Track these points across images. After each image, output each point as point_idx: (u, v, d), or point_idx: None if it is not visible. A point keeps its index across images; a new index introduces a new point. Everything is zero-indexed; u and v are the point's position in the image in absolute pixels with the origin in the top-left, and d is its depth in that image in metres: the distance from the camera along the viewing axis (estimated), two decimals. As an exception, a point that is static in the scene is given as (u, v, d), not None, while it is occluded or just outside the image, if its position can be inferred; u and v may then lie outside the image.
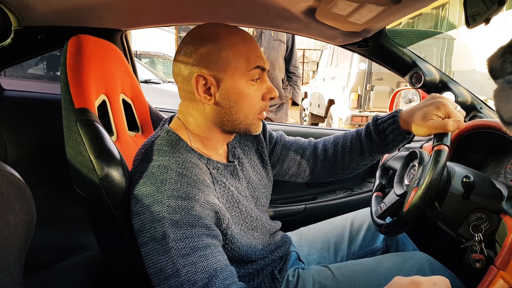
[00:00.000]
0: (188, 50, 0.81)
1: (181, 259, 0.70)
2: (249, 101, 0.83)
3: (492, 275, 0.84)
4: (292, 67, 2.72)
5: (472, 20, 0.75)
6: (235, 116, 0.84)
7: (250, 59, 0.81)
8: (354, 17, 0.98)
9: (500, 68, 0.69)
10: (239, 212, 0.89)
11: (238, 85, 0.81)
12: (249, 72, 0.81)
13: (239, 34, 0.83)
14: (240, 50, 0.80)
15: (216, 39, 0.80)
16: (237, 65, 0.80)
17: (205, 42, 0.80)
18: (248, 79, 0.82)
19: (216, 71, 0.80)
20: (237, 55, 0.80)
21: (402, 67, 1.29)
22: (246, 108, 0.84)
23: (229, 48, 0.80)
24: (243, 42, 0.82)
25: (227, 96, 0.82)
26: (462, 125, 0.88)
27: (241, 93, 0.82)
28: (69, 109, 0.87)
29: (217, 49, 0.80)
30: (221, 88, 0.81)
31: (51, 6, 1.09)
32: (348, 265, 1.01)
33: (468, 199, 0.92)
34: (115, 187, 0.79)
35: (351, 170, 1.09)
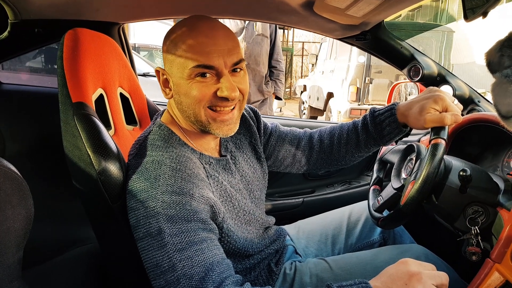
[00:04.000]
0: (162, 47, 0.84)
1: (177, 254, 0.70)
2: (193, 98, 0.79)
3: (488, 268, 0.85)
4: (274, 61, 2.68)
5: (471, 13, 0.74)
6: (187, 113, 0.82)
7: (195, 57, 0.77)
8: (352, 10, 0.97)
9: (498, 62, 0.69)
10: (232, 206, 0.89)
11: (182, 82, 0.80)
12: (190, 69, 0.77)
13: (194, 29, 0.79)
14: (186, 45, 0.77)
15: (171, 33, 0.81)
16: (180, 61, 0.78)
17: (165, 39, 0.83)
18: (189, 78, 0.78)
19: (168, 66, 0.82)
20: (182, 50, 0.78)
21: (400, 60, 1.29)
22: (192, 104, 0.80)
23: (177, 42, 0.79)
24: (190, 35, 0.78)
25: (176, 91, 0.82)
26: (459, 119, 0.87)
27: (184, 89, 0.80)
28: (66, 103, 0.87)
29: (168, 43, 0.81)
30: (171, 83, 0.83)
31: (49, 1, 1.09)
32: (345, 257, 1.01)
33: (465, 192, 0.92)
34: (112, 181, 0.79)
35: (346, 161, 1.09)
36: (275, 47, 2.68)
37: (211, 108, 0.81)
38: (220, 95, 0.79)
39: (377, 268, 0.94)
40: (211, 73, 0.79)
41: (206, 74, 0.78)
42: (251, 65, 2.49)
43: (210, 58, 0.77)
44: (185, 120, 0.86)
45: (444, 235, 1.16)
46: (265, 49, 2.57)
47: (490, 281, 0.84)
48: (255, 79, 2.54)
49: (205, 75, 0.78)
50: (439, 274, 0.69)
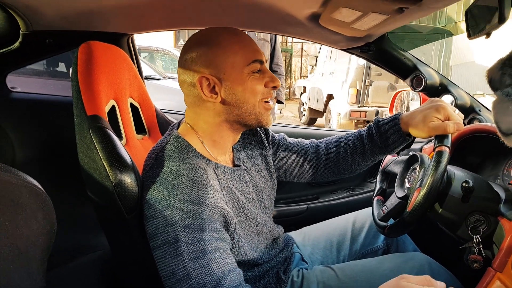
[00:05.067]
0: (188, 56, 0.85)
1: (192, 262, 0.73)
2: (252, 92, 0.86)
3: (489, 276, 0.88)
4: (275, 65, 2.73)
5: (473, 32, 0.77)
6: (244, 109, 0.87)
7: (246, 54, 0.84)
8: (358, 24, 1.00)
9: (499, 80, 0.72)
10: (245, 217, 0.92)
11: (241, 80, 0.85)
12: (248, 66, 0.84)
13: (231, 32, 0.86)
14: (234, 47, 0.84)
15: (210, 40, 0.84)
16: (234, 61, 0.84)
17: (201, 46, 0.84)
18: (248, 72, 0.85)
19: (215, 70, 0.83)
20: (233, 52, 0.83)
21: (403, 70, 1.32)
22: (252, 99, 0.87)
23: (224, 47, 0.83)
24: (237, 39, 0.85)
25: (231, 91, 0.85)
26: (461, 127, 0.91)
27: (243, 86, 0.85)
28: (81, 116, 0.89)
29: (212, 50, 0.83)
30: (224, 85, 0.84)
31: (60, 11, 1.11)
32: (351, 265, 1.04)
33: (467, 201, 0.95)
34: (128, 193, 0.82)
35: (352, 170, 1.12)
36: (275, 52, 2.71)
37: (263, 99, 0.89)
38: (273, 85, 0.89)
39: (382, 276, 0.97)
40: (261, 68, 0.87)
41: (259, 69, 0.86)
42: None
43: (259, 53, 0.87)
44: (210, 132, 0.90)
45: (446, 243, 1.18)
46: (266, 54, 2.61)
47: (492, 289, 0.87)
48: None
49: (259, 70, 0.86)
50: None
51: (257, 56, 0.86)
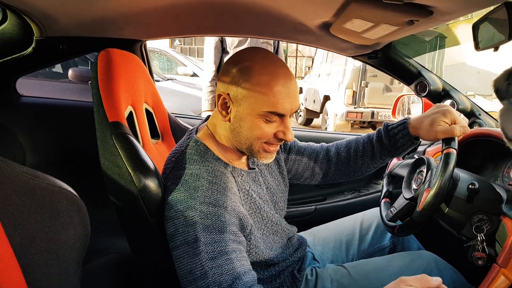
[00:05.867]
0: (226, 68, 0.87)
1: (209, 262, 0.77)
2: (256, 134, 0.85)
3: (494, 272, 0.93)
4: None
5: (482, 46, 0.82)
6: (242, 140, 0.88)
7: (269, 102, 0.82)
8: (368, 33, 1.04)
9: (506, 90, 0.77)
10: (261, 217, 0.96)
11: (250, 117, 0.84)
12: (264, 112, 0.83)
13: (273, 71, 0.83)
14: (264, 88, 0.82)
15: (247, 67, 0.83)
16: (255, 101, 0.82)
17: (237, 66, 0.84)
18: (260, 117, 0.84)
19: (235, 95, 0.84)
20: (259, 92, 0.82)
21: (409, 76, 1.37)
22: (252, 138, 0.86)
23: (255, 82, 0.82)
24: (273, 82, 0.82)
25: (237, 120, 0.86)
26: (467, 130, 0.96)
27: (248, 124, 0.85)
28: (103, 123, 0.92)
29: (243, 77, 0.82)
30: (236, 112, 0.85)
31: (75, 18, 1.13)
32: (362, 264, 1.09)
33: (472, 202, 1.00)
34: (152, 197, 0.85)
35: (362, 172, 1.17)
36: (278, 54, 2.75)
37: (266, 142, 0.88)
38: (283, 138, 0.87)
39: (392, 274, 1.01)
40: (280, 119, 0.86)
41: (274, 119, 0.84)
42: None
43: (284, 107, 0.83)
44: (228, 140, 0.91)
45: (449, 241, 1.23)
46: None
47: (497, 284, 0.92)
48: None
49: (273, 119, 0.84)
50: None
51: (280, 110, 0.83)
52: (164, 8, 1.08)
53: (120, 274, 1.22)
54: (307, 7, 1.00)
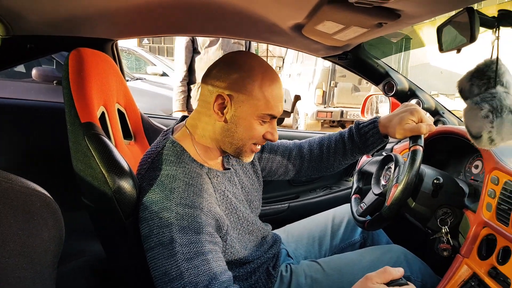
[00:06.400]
0: (223, 70, 0.88)
1: (185, 263, 0.77)
2: (249, 133, 0.90)
3: (458, 262, 0.98)
4: None
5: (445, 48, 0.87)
6: (235, 140, 0.91)
7: (268, 106, 0.88)
8: (339, 35, 1.08)
9: (469, 90, 0.82)
10: (237, 217, 0.97)
11: (248, 118, 0.88)
12: (263, 114, 0.88)
13: (271, 77, 0.89)
14: (265, 93, 0.87)
15: (249, 71, 0.87)
16: (256, 103, 0.87)
17: (238, 70, 0.87)
18: (258, 118, 0.89)
19: (236, 97, 0.87)
20: (260, 96, 0.87)
21: (377, 77, 1.42)
22: (246, 138, 0.91)
23: (257, 86, 0.87)
24: (271, 87, 0.88)
25: (235, 121, 0.88)
26: (433, 128, 1.02)
27: (246, 124, 0.89)
28: (75, 124, 0.90)
29: (246, 81, 0.86)
30: (233, 113, 0.88)
31: (44, 17, 1.10)
32: (335, 259, 1.12)
33: (437, 196, 1.06)
34: (126, 198, 0.84)
35: (334, 168, 1.21)
36: None
37: (254, 143, 0.92)
38: (271, 139, 0.93)
39: (364, 268, 1.05)
40: (271, 120, 0.91)
41: (267, 120, 0.90)
42: None
43: (278, 110, 0.91)
44: (214, 140, 0.93)
45: (417, 234, 1.29)
46: None
47: (460, 273, 0.97)
48: None
49: (267, 121, 0.90)
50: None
51: (275, 113, 0.90)
52: (136, 7, 1.06)
53: (94, 277, 1.20)
54: (280, 8, 1.02)
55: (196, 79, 2.60)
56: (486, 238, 0.95)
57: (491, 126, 0.80)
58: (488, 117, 0.80)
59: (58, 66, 3.30)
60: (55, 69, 3.32)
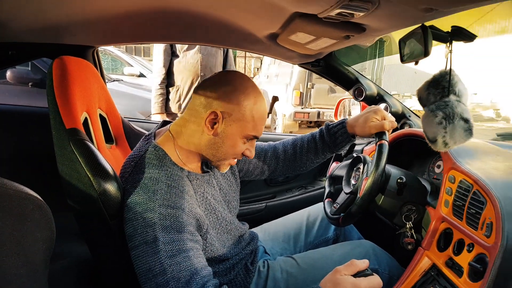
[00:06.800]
0: (219, 87, 0.93)
1: (168, 260, 0.83)
2: (233, 150, 0.97)
3: (419, 254, 1.08)
4: None
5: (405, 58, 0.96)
6: (218, 153, 0.97)
7: (255, 128, 0.96)
8: (311, 45, 1.15)
9: (426, 99, 0.91)
10: (216, 218, 1.03)
11: (235, 137, 0.95)
12: (248, 134, 0.96)
13: (262, 101, 0.98)
14: (255, 117, 0.95)
15: (245, 94, 0.94)
16: (246, 125, 0.95)
17: (235, 91, 0.93)
18: (244, 138, 0.97)
19: (229, 117, 0.93)
20: (250, 119, 0.94)
21: (347, 83, 1.51)
22: (229, 152, 0.98)
23: (249, 109, 0.94)
24: (260, 111, 0.96)
25: (222, 137, 0.95)
26: (395, 124, 1.14)
27: (232, 142, 0.96)
28: (60, 129, 0.94)
29: (241, 105, 0.93)
30: (223, 129, 0.94)
31: (26, 24, 1.12)
32: (309, 254, 1.20)
33: (402, 194, 1.15)
34: (112, 200, 0.88)
35: (307, 167, 1.30)
36: (228, 59, 2.82)
37: (234, 157, 1.00)
38: (248, 155, 1.01)
39: (335, 261, 1.13)
40: (252, 140, 0.99)
41: (250, 139, 0.98)
42: (207, 76, 2.61)
43: (262, 132, 1.00)
44: (198, 147, 0.98)
45: (385, 230, 1.38)
46: (219, 60, 2.71)
47: (422, 264, 1.07)
48: None
49: (249, 140, 0.98)
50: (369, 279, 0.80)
51: (259, 134, 0.99)
52: (117, 15, 1.10)
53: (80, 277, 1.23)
54: (257, 19, 1.08)
55: (175, 82, 2.63)
56: (444, 232, 1.05)
57: (445, 132, 0.90)
58: (441, 123, 0.89)
59: (33, 68, 3.26)
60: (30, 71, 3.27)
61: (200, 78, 2.61)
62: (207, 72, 2.62)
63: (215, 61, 2.66)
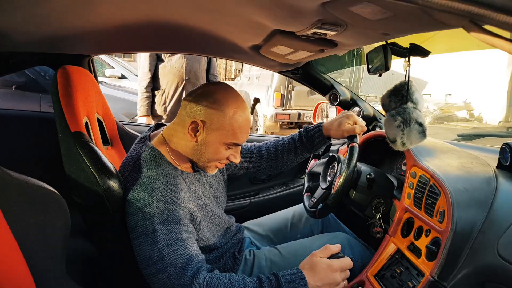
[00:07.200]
0: (202, 98, 1.03)
1: (166, 248, 0.94)
2: (216, 155, 1.07)
3: (386, 241, 1.22)
4: (211, 76, 2.96)
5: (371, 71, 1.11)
6: (202, 158, 1.08)
7: (235, 136, 1.05)
8: (290, 56, 1.29)
9: (388, 105, 1.06)
10: (206, 212, 1.16)
11: (216, 144, 1.05)
12: (229, 142, 1.05)
13: (242, 112, 1.05)
14: (235, 126, 1.04)
15: (224, 105, 1.03)
16: (225, 133, 1.04)
17: (215, 103, 1.03)
18: (225, 145, 1.06)
19: (209, 126, 1.03)
20: (232, 130, 1.03)
21: (323, 89, 1.66)
22: (212, 159, 1.08)
23: (228, 119, 1.03)
24: (240, 121, 1.04)
25: (204, 144, 1.05)
26: (364, 128, 1.29)
27: (214, 149, 1.06)
28: (66, 133, 1.04)
29: (220, 115, 1.02)
30: (204, 137, 1.04)
31: (26, 35, 1.20)
32: (291, 244, 1.33)
33: (371, 189, 1.30)
34: (115, 196, 1.00)
35: (287, 166, 1.45)
36: (211, 63, 2.94)
37: (219, 161, 1.09)
38: (233, 160, 1.09)
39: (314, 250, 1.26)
40: (235, 147, 1.08)
41: (232, 146, 1.06)
42: (192, 80, 2.73)
43: (244, 139, 1.08)
44: (186, 152, 1.08)
45: (358, 221, 1.53)
46: (203, 65, 2.82)
47: (388, 250, 1.21)
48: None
49: (232, 147, 1.06)
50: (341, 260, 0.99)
51: (240, 142, 1.07)
52: (112, 26, 1.20)
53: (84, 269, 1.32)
54: (242, 33, 1.21)
55: (160, 86, 2.73)
56: (407, 221, 1.20)
57: (403, 134, 1.05)
58: (400, 126, 1.04)
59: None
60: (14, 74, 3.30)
61: (185, 82, 2.72)
62: (192, 76, 2.73)
63: (199, 65, 2.77)
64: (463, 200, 1.03)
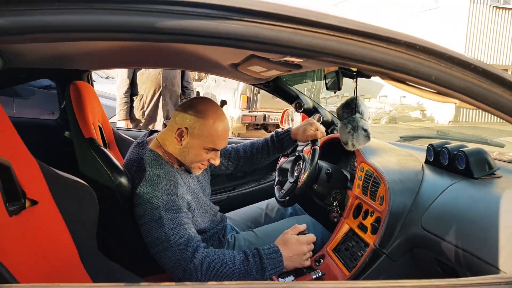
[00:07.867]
0: (188, 110, 1.25)
1: (171, 231, 1.18)
2: (197, 158, 1.28)
3: (341, 222, 1.53)
4: (186, 82, 3.19)
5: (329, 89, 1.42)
6: (186, 160, 1.30)
7: (214, 142, 1.25)
8: (263, 73, 1.56)
9: (341, 115, 1.36)
10: (198, 201, 1.40)
11: (198, 148, 1.27)
12: (209, 147, 1.26)
13: (220, 122, 1.26)
14: (213, 134, 1.24)
15: (204, 117, 1.24)
16: (205, 140, 1.25)
17: (197, 113, 1.24)
18: (205, 149, 1.27)
19: (192, 132, 1.25)
20: (210, 136, 1.24)
21: (290, 98, 1.95)
22: (194, 160, 1.29)
23: (207, 128, 1.23)
24: (218, 130, 1.24)
25: (188, 147, 1.28)
26: (324, 134, 1.59)
27: (196, 152, 1.27)
28: (80, 139, 1.25)
29: (201, 123, 1.23)
30: (188, 142, 1.26)
31: (36, 53, 1.39)
32: (265, 227, 1.61)
33: (330, 182, 1.60)
34: (125, 190, 1.22)
35: (260, 164, 1.73)
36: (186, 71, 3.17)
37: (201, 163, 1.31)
38: (213, 163, 1.31)
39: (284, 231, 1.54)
40: (215, 151, 1.29)
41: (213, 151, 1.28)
42: (168, 86, 2.94)
43: (222, 146, 1.29)
44: (175, 153, 1.30)
45: (319, 209, 1.84)
46: (178, 72, 3.04)
47: (343, 229, 1.52)
48: (172, 97, 3.01)
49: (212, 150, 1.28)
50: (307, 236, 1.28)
51: (218, 147, 1.27)
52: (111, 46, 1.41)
53: None
54: (224, 54, 1.46)
55: (138, 92, 2.92)
56: (357, 206, 1.51)
57: (352, 138, 1.36)
58: (350, 132, 1.35)
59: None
60: None
61: (161, 88, 2.92)
62: (168, 82, 2.95)
63: (174, 73, 2.99)
64: (398, 188, 1.34)
